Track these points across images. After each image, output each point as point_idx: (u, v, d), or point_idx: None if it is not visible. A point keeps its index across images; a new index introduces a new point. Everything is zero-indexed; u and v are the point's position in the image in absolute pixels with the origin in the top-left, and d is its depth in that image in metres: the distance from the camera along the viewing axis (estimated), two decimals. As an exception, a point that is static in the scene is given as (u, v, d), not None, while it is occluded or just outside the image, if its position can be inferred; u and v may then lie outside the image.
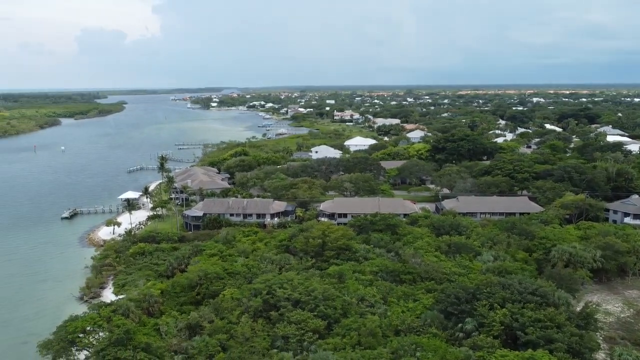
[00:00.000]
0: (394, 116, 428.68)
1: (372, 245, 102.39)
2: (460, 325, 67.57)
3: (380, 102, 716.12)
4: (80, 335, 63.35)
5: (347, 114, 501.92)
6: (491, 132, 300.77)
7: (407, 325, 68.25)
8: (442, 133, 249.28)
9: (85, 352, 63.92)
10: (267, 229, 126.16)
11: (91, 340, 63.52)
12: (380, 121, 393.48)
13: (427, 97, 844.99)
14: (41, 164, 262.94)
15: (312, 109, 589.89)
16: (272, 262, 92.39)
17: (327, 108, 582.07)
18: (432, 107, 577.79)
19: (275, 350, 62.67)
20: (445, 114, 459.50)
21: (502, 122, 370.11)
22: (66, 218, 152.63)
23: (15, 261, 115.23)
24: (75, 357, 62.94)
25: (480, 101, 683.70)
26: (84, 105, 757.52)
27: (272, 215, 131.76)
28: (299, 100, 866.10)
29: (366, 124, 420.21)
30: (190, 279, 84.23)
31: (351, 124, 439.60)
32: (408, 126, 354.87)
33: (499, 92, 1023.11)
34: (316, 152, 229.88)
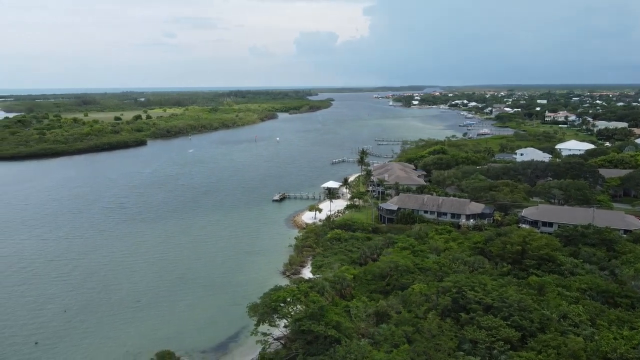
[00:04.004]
0: (620, 119, 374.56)
1: (581, 260, 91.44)
2: (693, 367, 56.10)
3: (603, 103, 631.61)
4: (282, 304, 69.88)
5: (560, 115, 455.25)
6: None
7: (620, 355, 59.14)
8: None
9: (284, 320, 70.33)
10: (462, 229, 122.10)
11: (290, 310, 69.60)
12: (601, 124, 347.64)
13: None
14: (260, 153, 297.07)
15: (519, 109, 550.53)
16: (464, 263, 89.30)
17: (538, 108, 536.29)
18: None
19: (461, 353, 60.43)
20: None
21: None
22: (276, 201, 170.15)
23: (237, 236, 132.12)
24: (276, 323, 69.81)
25: None
26: (297, 102, 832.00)
27: (468, 216, 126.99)
28: (505, 99, 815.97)
29: (583, 127, 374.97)
30: (381, 269, 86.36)
31: (565, 126, 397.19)
32: (638, 130, 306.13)
33: None
34: (521, 154, 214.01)
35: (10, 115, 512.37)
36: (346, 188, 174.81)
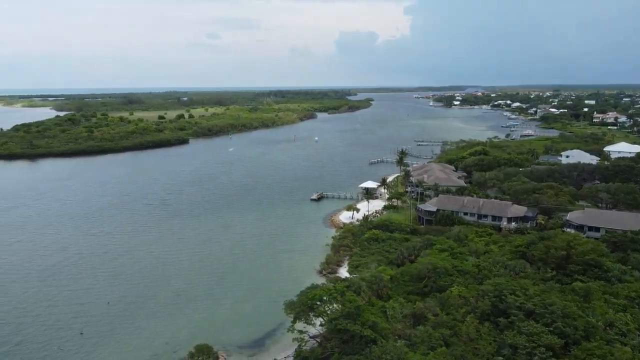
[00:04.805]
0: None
1: (629, 267, 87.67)
2: None
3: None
4: (318, 303, 70.06)
5: (610, 116, 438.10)
6: None
7: (671, 367, 56.47)
8: None
9: (320, 319, 70.45)
10: (503, 232, 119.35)
11: (326, 309, 69.69)
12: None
13: None
14: (298, 152, 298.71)
15: (565, 110, 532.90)
16: (505, 266, 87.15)
17: (585, 109, 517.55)
18: None
19: (500, 358, 58.98)
20: None
21: None
22: (314, 200, 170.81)
23: (275, 235, 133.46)
24: (312, 321, 70.04)
25: None
26: (337, 101, 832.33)
27: (510, 219, 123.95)
28: (550, 99, 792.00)
29: (635, 128, 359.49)
30: (419, 270, 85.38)
31: (615, 127, 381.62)
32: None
33: None
34: (567, 156, 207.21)
35: (61, 113, 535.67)
36: (384, 188, 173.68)
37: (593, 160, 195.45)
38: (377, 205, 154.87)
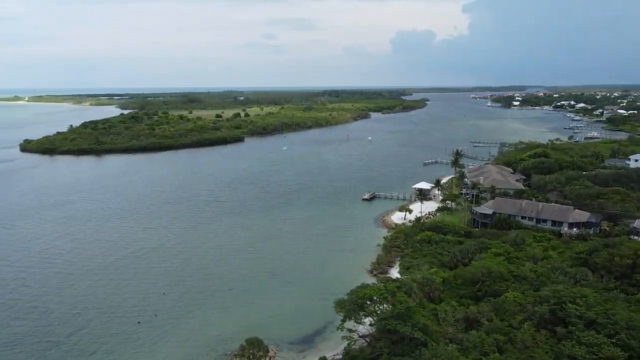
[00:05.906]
0: None
1: None
2: None
3: None
4: (368, 302, 69.83)
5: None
6: None
7: None
8: None
9: (370, 318, 70.15)
10: (563, 238, 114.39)
11: (376, 309, 69.33)
12: None
13: None
14: (351, 152, 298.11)
15: (635, 111, 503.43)
16: (565, 273, 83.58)
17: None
18: None
19: (558, 368, 56.68)
20: None
21: None
22: (366, 200, 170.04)
23: (326, 233, 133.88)
24: (362, 320, 69.84)
25: None
26: (391, 101, 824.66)
27: (571, 225, 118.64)
28: (619, 100, 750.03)
29: None
30: (472, 274, 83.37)
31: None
32: None
33: None
34: (636, 160, 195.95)
35: (125, 112, 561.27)
36: (438, 190, 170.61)
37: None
38: (430, 206, 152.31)
